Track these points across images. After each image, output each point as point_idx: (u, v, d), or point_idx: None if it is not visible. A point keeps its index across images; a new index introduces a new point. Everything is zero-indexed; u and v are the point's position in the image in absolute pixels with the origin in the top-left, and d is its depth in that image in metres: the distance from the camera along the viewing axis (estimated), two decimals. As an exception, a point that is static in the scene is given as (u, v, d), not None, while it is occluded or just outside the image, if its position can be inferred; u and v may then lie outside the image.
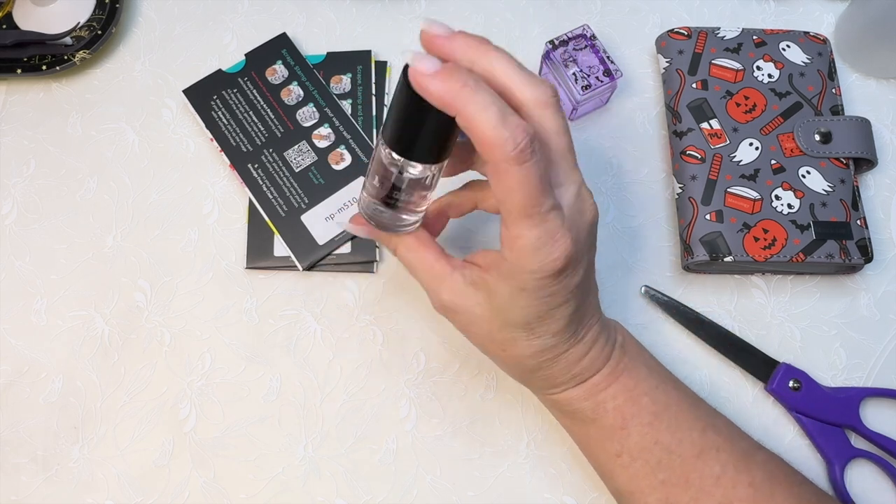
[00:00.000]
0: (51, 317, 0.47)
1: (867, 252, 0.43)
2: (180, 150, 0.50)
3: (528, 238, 0.30)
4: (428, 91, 0.28)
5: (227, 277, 0.47)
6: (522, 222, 0.30)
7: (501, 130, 0.28)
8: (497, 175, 0.29)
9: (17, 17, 0.53)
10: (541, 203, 0.29)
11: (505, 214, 0.30)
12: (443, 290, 0.35)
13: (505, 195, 0.29)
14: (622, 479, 0.36)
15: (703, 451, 0.35)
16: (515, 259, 0.31)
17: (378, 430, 0.43)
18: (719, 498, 0.34)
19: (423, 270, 0.35)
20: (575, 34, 0.48)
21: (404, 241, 0.36)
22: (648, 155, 0.49)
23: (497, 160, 0.28)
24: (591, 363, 0.36)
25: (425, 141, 0.31)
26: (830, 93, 0.47)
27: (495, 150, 0.28)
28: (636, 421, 0.36)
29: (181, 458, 0.43)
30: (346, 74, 0.51)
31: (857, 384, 0.44)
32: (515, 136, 0.28)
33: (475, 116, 0.28)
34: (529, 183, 0.28)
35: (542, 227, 0.30)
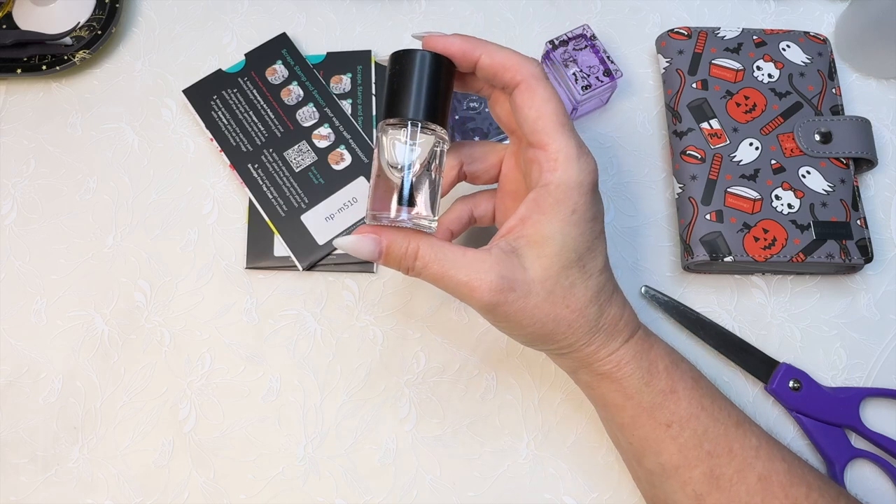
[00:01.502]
0: (51, 317, 0.47)
1: (867, 252, 0.43)
2: (180, 150, 0.50)
3: (569, 149, 0.33)
4: (451, 46, 0.33)
5: (227, 277, 0.47)
6: (561, 133, 0.33)
7: (522, 58, 0.33)
8: (530, 91, 0.33)
9: (17, 17, 0.53)
10: (568, 117, 0.33)
11: (541, 133, 0.33)
12: (489, 270, 0.32)
13: (540, 108, 0.33)
14: (669, 452, 0.35)
15: (741, 422, 0.35)
16: (561, 175, 0.33)
17: (378, 430, 0.43)
18: (760, 470, 0.34)
19: (455, 260, 0.32)
20: (575, 34, 0.48)
21: (426, 238, 0.33)
22: (648, 155, 0.49)
23: (527, 77, 0.33)
24: (632, 312, 0.37)
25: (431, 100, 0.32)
26: (830, 93, 0.47)
27: (523, 69, 0.33)
28: (683, 384, 0.36)
29: (181, 458, 0.43)
30: (346, 74, 0.51)
31: (858, 384, 0.44)
32: (535, 60, 0.33)
33: (500, 51, 0.33)
34: (556, 98, 0.33)
35: (575, 139, 0.33)
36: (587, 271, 0.34)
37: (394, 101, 0.32)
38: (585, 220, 0.33)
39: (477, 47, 0.33)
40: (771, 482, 0.34)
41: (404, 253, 0.33)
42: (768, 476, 0.34)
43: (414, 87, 0.32)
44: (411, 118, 0.32)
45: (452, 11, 0.53)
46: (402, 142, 0.32)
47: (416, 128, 0.32)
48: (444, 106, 0.33)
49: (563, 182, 0.33)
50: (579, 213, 0.33)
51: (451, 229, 0.39)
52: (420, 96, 0.32)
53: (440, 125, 0.33)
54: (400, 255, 0.33)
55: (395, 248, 0.33)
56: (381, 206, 0.33)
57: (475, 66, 0.33)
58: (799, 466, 0.35)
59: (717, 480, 0.34)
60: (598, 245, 0.35)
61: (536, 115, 0.33)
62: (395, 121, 0.32)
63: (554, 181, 0.33)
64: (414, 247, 0.33)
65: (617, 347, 0.36)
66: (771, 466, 0.34)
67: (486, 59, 0.33)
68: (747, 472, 0.34)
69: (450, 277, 0.32)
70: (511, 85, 0.33)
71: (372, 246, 0.32)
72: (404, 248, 0.33)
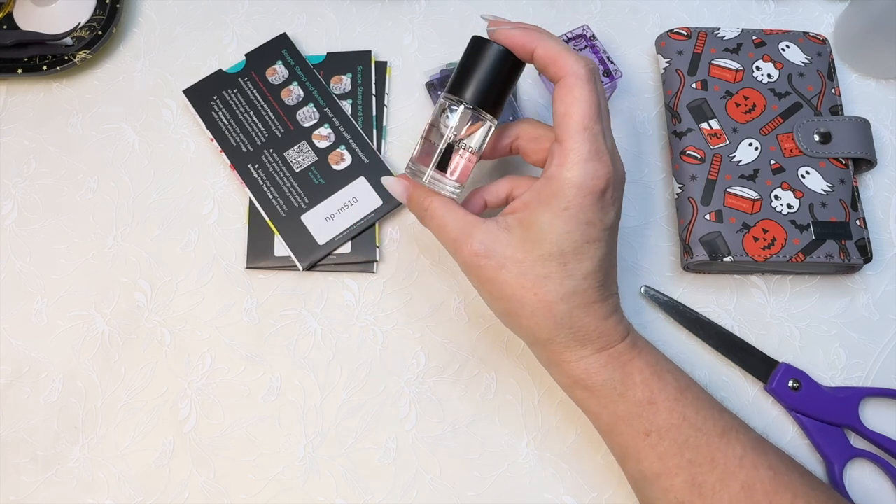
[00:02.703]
0: (51, 317, 0.47)
1: (866, 252, 0.43)
2: (180, 151, 0.50)
3: (581, 150, 0.34)
4: (513, 37, 0.35)
5: (227, 277, 0.47)
6: (580, 134, 0.34)
7: (574, 55, 0.35)
8: (567, 88, 0.34)
9: (18, 18, 0.54)
10: (596, 121, 0.34)
11: (563, 129, 0.34)
12: (475, 234, 0.36)
13: (570, 106, 0.34)
14: (649, 461, 0.36)
15: (726, 431, 0.36)
16: (564, 172, 0.34)
17: (378, 430, 0.44)
18: (743, 479, 0.34)
19: (454, 222, 0.37)
20: (575, 34, 0.48)
21: (440, 197, 0.38)
22: (648, 155, 0.49)
23: (568, 75, 0.34)
24: (614, 327, 0.36)
25: (490, 91, 0.36)
26: (830, 93, 0.47)
27: (568, 66, 0.34)
28: (663, 396, 0.36)
29: (181, 458, 0.43)
30: (347, 74, 0.51)
31: (857, 384, 0.44)
32: (586, 63, 0.34)
33: (554, 45, 0.35)
34: (590, 101, 0.34)
35: (593, 143, 0.34)
36: (567, 270, 0.35)
37: (458, 81, 0.37)
38: (577, 220, 0.34)
39: (534, 40, 0.35)
40: (755, 490, 0.34)
41: (420, 202, 0.38)
42: (752, 484, 0.34)
43: (477, 74, 0.36)
44: (466, 101, 0.36)
45: (452, 12, 0.53)
46: (453, 116, 0.37)
47: (469, 110, 0.37)
48: (500, 97, 0.37)
49: (564, 178, 0.34)
50: (571, 210, 0.34)
51: (486, 199, 0.40)
52: (480, 84, 0.36)
53: (490, 113, 0.37)
54: (417, 202, 0.38)
55: (416, 196, 0.38)
56: (419, 161, 0.38)
57: (532, 56, 0.36)
58: (786, 474, 0.35)
59: (699, 489, 0.35)
60: (590, 250, 0.35)
61: (564, 112, 0.34)
62: (453, 97, 0.37)
63: (557, 175, 0.34)
64: (429, 201, 0.38)
65: (586, 355, 0.36)
66: (755, 475, 0.34)
67: (540, 51, 0.35)
68: (730, 481, 0.34)
69: (445, 232, 0.37)
70: (555, 79, 0.35)
71: (400, 189, 0.39)
72: (421, 199, 0.38)
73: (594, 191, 0.34)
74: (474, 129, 0.37)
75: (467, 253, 0.36)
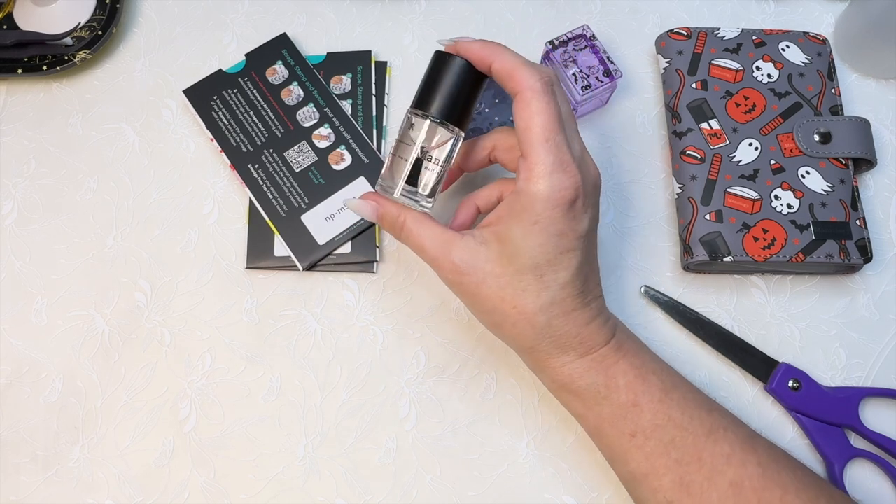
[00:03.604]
0: (51, 317, 0.47)
1: (866, 252, 0.43)
2: (180, 151, 0.50)
3: (545, 163, 0.34)
4: (471, 49, 0.36)
5: (227, 277, 0.47)
6: (541, 147, 0.34)
7: (530, 70, 0.34)
8: (524, 102, 0.34)
9: (18, 18, 0.54)
10: (557, 131, 0.34)
11: (525, 143, 0.34)
12: (453, 252, 0.36)
13: (529, 120, 0.34)
14: (636, 461, 0.36)
15: (713, 430, 0.36)
16: (531, 186, 0.34)
17: (378, 430, 0.44)
18: (731, 476, 0.35)
19: (432, 237, 0.37)
20: (575, 34, 0.48)
21: (413, 214, 0.38)
22: (648, 155, 0.49)
23: (525, 89, 0.34)
24: (597, 331, 0.37)
25: (455, 104, 0.37)
26: (830, 93, 0.47)
27: (524, 81, 0.34)
28: (647, 397, 0.36)
29: (181, 458, 0.43)
30: (347, 74, 0.51)
31: (857, 384, 0.44)
32: (541, 75, 0.34)
33: (508, 61, 0.35)
34: (548, 112, 0.34)
35: (556, 154, 0.34)
36: (544, 282, 0.35)
37: (423, 95, 0.38)
38: (549, 233, 0.34)
39: (491, 54, 0.35)
40: (743, 487, 0.34)
41: (394, 221, 0.38)
42: (740, 482, 0.34)
43: (441, 88, 0.37)
44: (431, 115, 0.37)
45: (452, 12, 0.53)
46: (420, 131, 0.37)
47: (435, 123, 0.37)
48: (464, 109, 0.38)
49: (530, 193, 0.34)
50: (541, 224, 0.34)
51: (478, 205, 0.41)
52: (444, 97, 0.37)
53: (456, 125, 0.37)
54: (391, 220, 0.38)
55: (388, 216, 0.38)
56: (388, 179, 0.38)
57: (490, 70, 0.36)
58: (776, 470, 0.35)
59: (687, 487, 0.35)
60: (564, 260, 0.35)
61: (525, 126, 0.34)
62: (419, 111, 0.37)
63: (524, 190, 0.34)
64: (402, 219, 0.38)
65: (569, 360, 0.37)
66: (744, 472, 0.35)
67: (496, 65, 0.35)
68: (718, 479, 0.35)
69: (423, 250, 0.37)
70: (513, 94, 0.35)
71: (370, 210, 0.39)
72: (394, 218, 0.38)
73: (562, 202, 0.34)
74: (442, 142, 0.37)
75: (448, 270, 0.36)
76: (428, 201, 0.38)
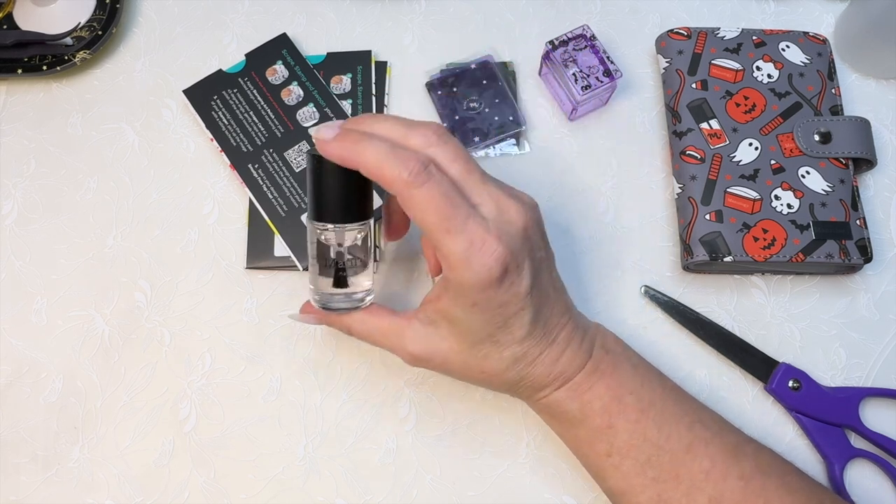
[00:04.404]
0: (51, 317, 0.47)
1: (867, 252, 0.43)
2: (180, 151, 0.50)
3: (456, 252, 0.31)
4: (330, 153, 0.32)
5: (227, 277, 0.47)
6: (445, 238, 0.31)
7: (394, 163, 0.31)
8: (407, 203, 0.31)
9: (18, 18, 0.54)
10: (454, 216, 0.31)
11: (431, 238, 0.32)
12: (407, 343, 0.36)
13: (420, 218, 0.31)
14: (614, 479, 0.37)
15: (692, 446, 0.36)
16: (455, 277, 0.32)
17: (378, 430, 0.44)
18: (710, 492, 0.35)
19: (382, 333, 0.37)
20: (575, 34, 0.48)
21: (354, 317, 0.38)
22: (648, 155, 0.49)
23: (400, 189, 0.31)
24: (569, 362, 0.36)
25: (350, 202, 0.35)
26: (830, 93, 0.47)
27: (395, 182, 0.31)
28: (622, 419, 0.36)
29: (181, 458, 0.43)
30: (347, 74, 0.51)
31: (857, 384, 0.44)
32: (407, 164, 0.31)
33: (370, 160, 0.31)
34: (435, 201, 0.31)
35: (465, 237, 0.31)
36: (501, 344, 0.35)
37: (315, 204, 0.35)
38: (490, 308, 0.33)
39: (353, 155, 0.32)
40: (722, 501, 0.34)
41: (340, 327, 0.39)
42: (720, 496, 0.35)
43: (327, 192, 0.35)
44: (330, 223, 0.35)
45: (452, 12, 0.53)
46: (329, 237, 0.36)
47: (341, 229, 0.36)
48: (364, 200, 0.36)
49: (457, 282, 0.33)
50: (480, 305, 0.33)
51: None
52: (339, 201, 0.35)
53: (361, 219, 0.36)
54: (338, 327, 0.39)
55: (333, 325, 0.39)
56: (319, 291, 0.38)
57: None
58: (760, 481, 0.35)
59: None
60: (516, 321, 0.34)
61: (421, 224, 0.32)
62: (318, 224, 0.36)
63: (451, 278, 0.33)
64: (346, 324, 0.38)
65: (546, 395, 0.37)
66: (724, 486, 0.35)
67: (362, 169, 0.32)
68: (696, 496, 0.35)
69: (380, 345, 0.38)
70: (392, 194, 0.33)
71: (314, 321, 0.40)
72: (339, 325, 0.39)
73: (491, 281, 0.32)
74: (354, 239, 0.36)
75: (409, 360, 0.37)
76: (366, 296, 0.38)
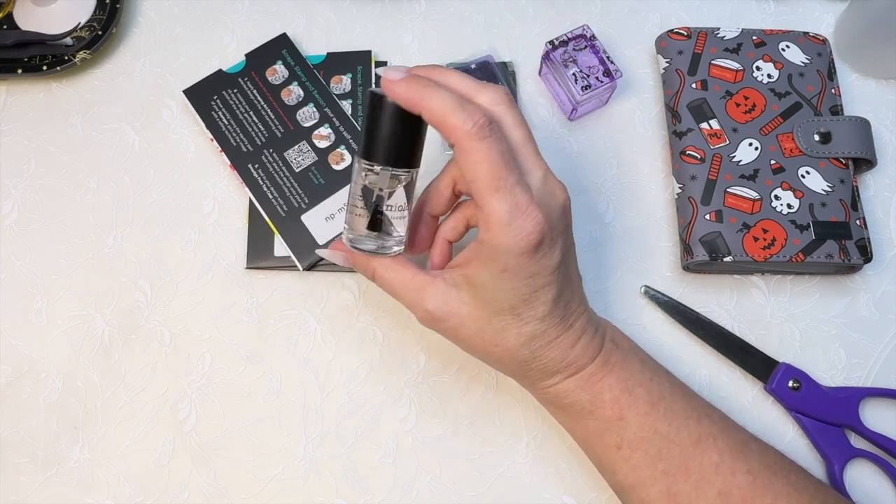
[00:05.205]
0: (51, 316, 0.47)
1: (866, 252, 0.43)
2: (180, 151, 0.50)
3: (500, 212, 0.32)
4: (396, 93, 0.32)
5: (227, 277, 0.47)
6: (492, 197, 0.32)
7: (460, 113, 0.31)
8: (463, 154, 0.32)
9: (18, 18, 0.53)
10: (505, 176, 0.32)
11: (476, 194, 0.32)
12: (426, 300, 0.36)
13: (472, 171, 0.32)
14: (623, 472, 0.36)
15: (701, 440, 0.36)
16: (492, 238, 0.32)
17: (378, 430, 0.44)
18: (719, 486, 0.35)
19: (403, 285, 0.36)
20: (575, 34, 0.48)
21: (382, 262, 0.37)
22: (648, 155, 0.49)
23: (460, 138, 0.31)
24: (582, 351, 0.36)
25: (401, 147, 0.35)
26: (830, 93, 0.47)
27: (457, 129, 0.31)
28: (633, 411, 0.36)
29: (181, 458, 0.43)
30: (347, 74, 0.51)
31: (857, 384, 0.44)
32: (473, 116, 0.31)
33: (436, 106, 0.32)
34: (492, 156, 0.31)
35: (511, 199, 0.32)
36: (522, 319, 0.35)
37: (369, 144, 0.35)
38: (519, 277, 0.33)
39: (420, 99, 0.32)
40: (731, 496, 0.34)
41: (364, 269, 0.38)
42: (728, 490, 0.35)
43: (381, 133, 0.35)
44: (379, 163, 0.35)
45: (452, 11, 0.53)
46: (375, 180, 0.35)
47: (388, 171, 0.35)
48: (414, 148, 0.36)
49: (493, 245, 0.33)
50: (511, 271, 0.33)
51: (447, 239, 0.40)
52: (387, 143, 0.35)
53: (409, 167, 0.36)
54: (362, 269, 0.38)
55: (358, 264, 0.38)
56: (352, 230, 0.37)
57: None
58: (768, 477, 0.35)
59: (674, 497, 0.35)
60: (540, 296, 0.34)
61: (471, 178, 0.32)
62: (366, 162, 0.35)
63: (486, 240, 0.33)
64: (371, 268, 0.37)
65: (557, 382, 0.37)
66: (732, 481, 0.35)
67: (426, 115, 0.32)
68: (706, 489, 0.35)
69: (398, 297, 0.37)
70: (449, 144, 0.32)
71: (340, 259, 0.39)
72: (364, 266, 0.38)
73: (528, 248, 0.32)
74: (396, 186, 0.36)
75: (423, 316, 0.36)
76: (396, 245, 0.37)
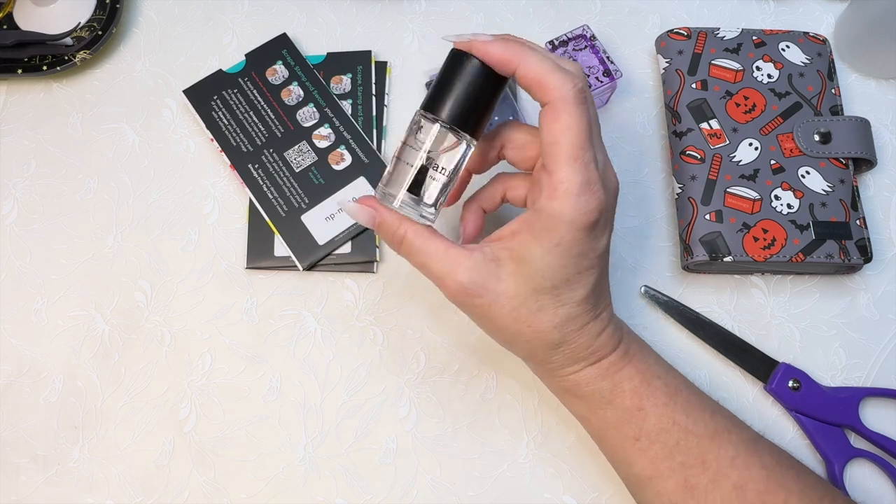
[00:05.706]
0: (51, 317, 0.47)
1: (866, 252, 0.43)
2: (180, 151, 0.50)
3: (573, 182, 0.31)
4: (491, 53, 0.32)
5: (227, 277, 0.47)
6: (570, 165, 0.31)
7: (560, 75, 0.31)
8: (554, 114, 0.31)
9: (18, 18, 0.54)
10: (587, 148, 0.32)
11: (552, 158, 0.32)
12: (460, 272, 0.33)
13: (559, 135, 0.31)
14: (640, 464, 0.36)
15: (717, 433, 0.36)
16: (556, 207, 0.32)
17: (378, 430, 0.44)
18: (735, 479, 0.35)
19: (434, 254, 0.34)
20: (575, 34, 0.48)
21: (414, 227, 0.35)
22: (648, 155, 0.49)
23: (556, 99, 0.31)
24: (607, 340, 0.36)
25: (471, 110, 0.33)
26: (830, 93, 0.47)
27: (556, 90, 0.31)
28: (652, 402, 0.36)
29: (181, 458, 0.43)
30: (347, 74, 0.51)
31: (857, 384, 0.44)
32: (574, 81, 0.31)
33: (534, 65, 0.31)
34: (583, 124, 0.31)
35: (585, 174, 0.32)
36: (561, 300, 0.34)
37: (435, 97, 0.34)
38: (570, 254, 0.33)
39: (516, 57, 0.32)
40: (746, 490, 0.34)
41: (393, 233, 0.35)
42: (744, 485, 0.34)
43: (455, 91, 0.33)
44: (441, 119, 0.33)
45: (452, 11, 0.53)
46: (428, 135, 0.34)
47: (445, 129, 0.34)
48: (481, 115, 0.34)
49: (554, 213, 0.32)
50: (564, 246, 0.33)
51: (482, 207, 0.39)
52: (457, 101, 0.33)
53: (469, 133, 0.34)
54: (389, 234, 0.35)
55: (387, 225, 0.35)
56: (390, 185, 0.35)
57: (514, 75, 0.33)
58: (780, 473, 0.35)
59: (691, 490, 0.35)
60: (582, 279, 0.34)
61: (552, 140, 0.32)
62: (428, 115, 0.34)
63: (546, 209, 0.32)
64: (402, 232, 0.35)
65: (579, 369, 0.36)
66: (748, 475, 0.35)
67: (522, 71, 0.32)
68: (722, 482, 0.35)
69: (427, 268, 0.34)
70: (541, 102, 0.32)
71: (366, 217, 0.35)
72: (393, 230, 0.35)
73: (586, 225, 0.32)
74: (450, 149, 0.34)
75: (455, 290, 0.34)
76: (431, 213, 0.35)
